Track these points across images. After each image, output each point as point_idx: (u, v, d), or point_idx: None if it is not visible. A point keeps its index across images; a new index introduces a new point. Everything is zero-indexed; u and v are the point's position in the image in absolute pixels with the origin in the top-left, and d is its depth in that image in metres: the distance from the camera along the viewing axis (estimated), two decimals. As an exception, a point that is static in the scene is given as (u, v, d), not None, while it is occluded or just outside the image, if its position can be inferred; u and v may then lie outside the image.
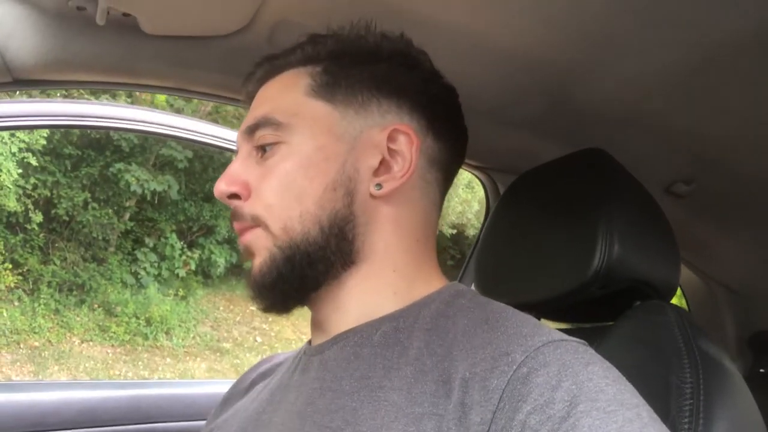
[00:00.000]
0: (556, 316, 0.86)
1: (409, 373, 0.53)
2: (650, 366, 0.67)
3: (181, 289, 6.76)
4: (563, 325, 0.86)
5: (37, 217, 6.00)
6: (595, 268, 0.71)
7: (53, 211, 6.25)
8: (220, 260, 6.94)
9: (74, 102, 1.28)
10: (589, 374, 0.47)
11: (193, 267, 6.84)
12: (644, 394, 0.48)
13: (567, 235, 0.77)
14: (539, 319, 0.74)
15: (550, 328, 0.53)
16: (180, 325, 6.43)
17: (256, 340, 6.78)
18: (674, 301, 0.83)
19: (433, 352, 0.53)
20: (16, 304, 5.80)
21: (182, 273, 6.73)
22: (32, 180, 6.01)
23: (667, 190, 1.10)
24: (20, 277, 5.95)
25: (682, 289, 1.54)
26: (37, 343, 5.58)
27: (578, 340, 0.52)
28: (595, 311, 0.80)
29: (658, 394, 0.62)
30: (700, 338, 0.67)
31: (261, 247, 0.60)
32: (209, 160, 7.00)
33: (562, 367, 0.47)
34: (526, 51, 0.79)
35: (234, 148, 1.29)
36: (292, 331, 7.07)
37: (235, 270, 7.33)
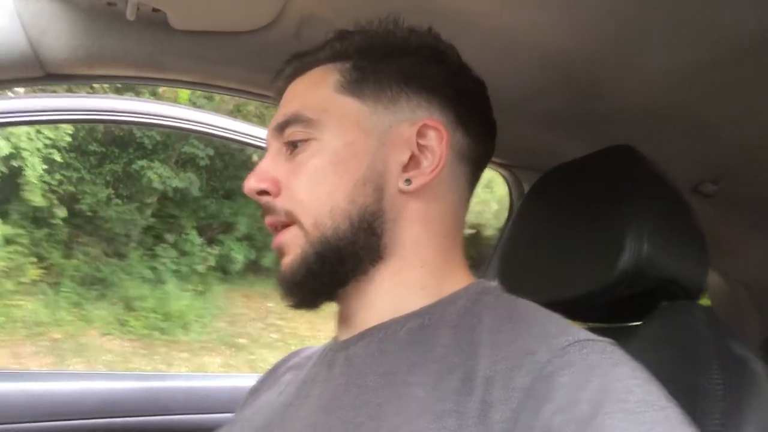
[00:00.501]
0: (581, 315, 0.85)
1: (434, 370, 0.52)
2: (677, 367, 0.66)
3: (199, 285, 6.82)
4: (589, 325, 0.85)
5: (62, 212, 6.09)
6: (623, 267, 0.70)
7: (77, 207, 6.34)
8: (239, 257, 6.99)
9: (99, 97, 1.29)
10: (616, 375, 0.46)
11: (212, 263, 6.90)
12: (671, 396, 0.47)
13: (595, 233, 0.76)
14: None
15: (578, 327, 0.53)
16: (197, 321, 6.49)
17: (271, 337, 6.81)
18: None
19: (459, 349, 0.53)
20: (40, 297, 5.90)
21: (201, 269, 6.79)
22: (57, 176, 6.10)
23: (694, 189, 1.09)
24: (44, 271, 6.04)
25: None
26: (58, 336, 5.66)
27: (606, 339, 0.51)
28: (622, 311, 0.79)
29: (685, 396, 0.60)
30: (729, 339, 0.66)
31: (294, 245, 0.60)
32: (230, 158, 7.05)
33: (588, 367, 0.46)
34: (553, 46, 0.78)
35: (255, 143, 1.31)
36: (307, 328, 7.09)
37: (254, 267, 7.38)
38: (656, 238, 0.71)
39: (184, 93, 5.49)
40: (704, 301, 0.84)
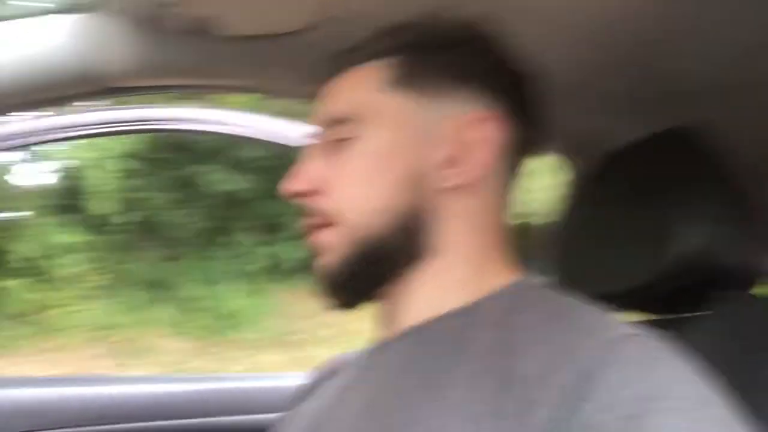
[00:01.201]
0: (638, 306, 0.82)
1: (471, 371, 0.51)
2: (739, 361, 0.63)
3: (253, 284, 6.96)
4: (645, 317, 0.83)
5: (121, 218, 6.31)
6: (677, 257, 0.68)
7: (135, 212, 6.56)
8: (291, 256, 7.09)
9: (156, 107, 1.33)
10: (662, 371, 0.45)
11: (264, 263, 7.02)
12: (732, 391, 0.45)
13: (651, 221, 0.73)
14: (620, 311, 0.72)
15: (622, 321, 0.52)
16: (253, 319, 6.62)
17: (325, 333, 6.89)
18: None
19: (497, 348, 0.52)
20: (100, 301, 6.13)
21: (254, 269, 6.92)
22: (116, 183, 6.33)
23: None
24: (103, 275, 6.28)
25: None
26: (118, 339, 5.87)
27: (651, 333, 0.49)
28: (678, 302, 0.76)
29: (747, 391, 0.58)
30: None
31: (332, 245, 0.60)
32: (283, 159, 7.15)
33: (632, 364, 0.45)
34: (609, 23, 0.74)
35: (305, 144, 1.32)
36: (360, 325, 7.13)
37: (305, 265, 7.47)
38: (717, 226, 0.68)
39: (237, 96, 5.59)
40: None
